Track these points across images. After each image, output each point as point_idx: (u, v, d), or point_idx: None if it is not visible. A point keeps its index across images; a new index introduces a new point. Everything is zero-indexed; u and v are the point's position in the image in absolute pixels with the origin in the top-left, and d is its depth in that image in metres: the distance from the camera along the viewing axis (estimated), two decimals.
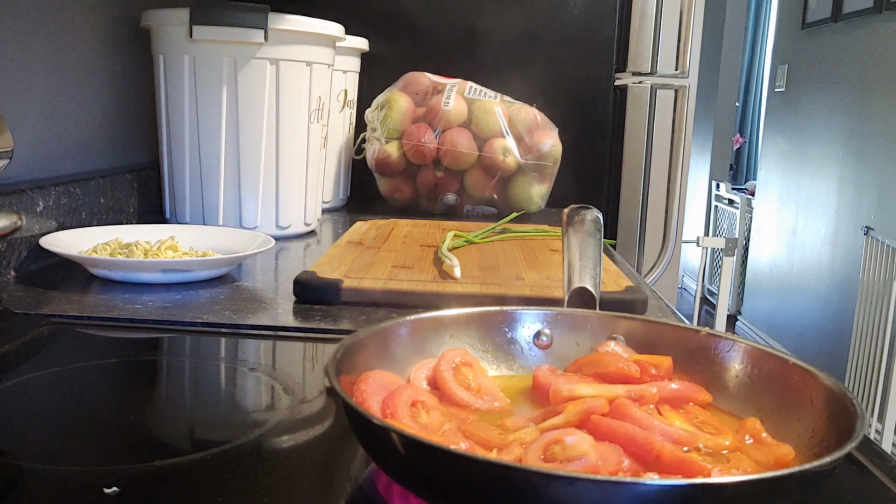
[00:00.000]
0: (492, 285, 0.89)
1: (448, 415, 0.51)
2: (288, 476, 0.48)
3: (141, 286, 0.90)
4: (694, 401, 0.53)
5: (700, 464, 0.42)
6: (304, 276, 0.88)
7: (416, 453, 0.40)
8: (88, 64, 1.18)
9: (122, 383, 0.66)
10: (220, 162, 1.18)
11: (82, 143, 1.18)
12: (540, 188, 1.51)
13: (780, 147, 4.08)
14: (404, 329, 0.58)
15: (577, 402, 0.49)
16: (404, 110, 1.48)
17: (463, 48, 1.70)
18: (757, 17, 5.27)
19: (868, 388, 2.83)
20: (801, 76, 3.87)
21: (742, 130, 5.44)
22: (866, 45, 3.19)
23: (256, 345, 0.76)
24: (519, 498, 0.37)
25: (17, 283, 0.89)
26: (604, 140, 1.76)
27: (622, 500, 0.36)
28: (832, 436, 0.45)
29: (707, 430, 0.49)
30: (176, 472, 0.47)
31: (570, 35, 1.74)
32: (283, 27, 1.15)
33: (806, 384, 0.50)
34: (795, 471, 0.39)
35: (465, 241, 1.15)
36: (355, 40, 1.50)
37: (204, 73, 1.15)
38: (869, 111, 3.15)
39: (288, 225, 1.24)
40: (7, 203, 0.90)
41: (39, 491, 0.46)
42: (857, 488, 0.50)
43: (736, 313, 4.60)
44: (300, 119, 1.21)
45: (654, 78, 1.67)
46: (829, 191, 3.47)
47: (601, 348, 0.59)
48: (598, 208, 0.76)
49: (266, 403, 0.61)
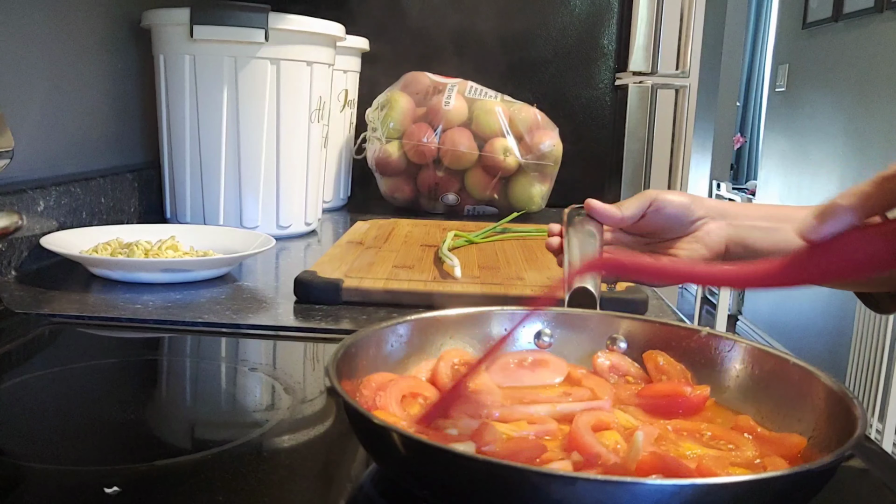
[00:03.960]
0: (492, 285, 0.89)
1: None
2: (288, 476, 0.48)
3: (141, 286, 0.90)
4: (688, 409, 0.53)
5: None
6: (305, 275, 0.88)
7: (416, 453, 0.40)
8: (89, 64, 1.18)
9: (122, 383, 0.66)
10: (221, 162, 1.18)
11: (83, 142, 1.18)
12: (540, 188, 1.51)
13: (781, 147, 4.08)
14: (405, 329, 0.58)
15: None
16: (405, 110, 1.48)
17: (463, 48, 1.70)
18: (758, 17, 5.27)
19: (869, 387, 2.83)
20: (802, 76, 3.86)
21: (743, 130, 5.43)
22: (867, 44, 3.19)
23: (257, 344, 0.76)
24: (519, 498, 0.37)
25: (17, 283, 0.90)
26: (604, 140, 1.76)
27: (622, 500, 0.36)
28: (833, 436, 0.45)
29: (724, 449, 0.48)
30: (176, 471, 0.47)
31: (571, 35, 1.74)
32: (284, 27, 1.15)
33: (807, 384, 0.50)
34: (796, 471, 0.39)
35: (466, 240, 1.15)
36: (356, 40, 1.50)
37: (204, 73, 1.15)
38: (870, 111, 3.15)
39: (288, 225, 1.24)
40: (8, 203, 0.90)
41: (40, 490, 0.46)
42: (858, 488, 0.50)
43: (737, 313, 4.60)
44: (301, 119, 1.21)
45: (655, 78, 1.66)
46: (830, 191, 3.46)
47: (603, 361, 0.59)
48: None
49: (266, 403, 0.61)
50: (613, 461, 0.44)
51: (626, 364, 0.59)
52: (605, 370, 0.58)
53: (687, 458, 0.46)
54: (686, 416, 0.52)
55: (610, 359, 0.59)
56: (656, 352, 0.59)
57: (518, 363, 0.59)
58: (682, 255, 0.73)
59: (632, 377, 0.58)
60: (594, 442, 0.45)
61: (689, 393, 0.53)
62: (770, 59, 4.72)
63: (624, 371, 0.59)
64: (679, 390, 0.53)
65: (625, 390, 0.56)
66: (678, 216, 0.73)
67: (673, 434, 0.50)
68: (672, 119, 1.69)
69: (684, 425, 0.51)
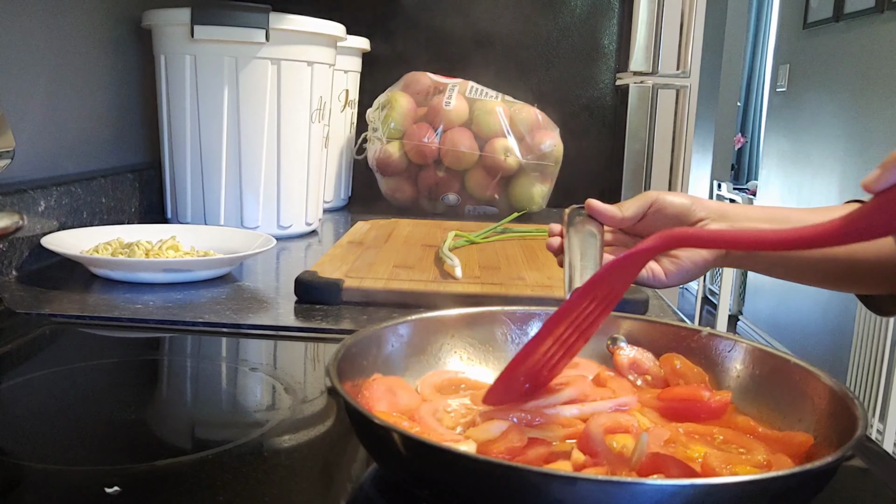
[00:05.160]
0: (493, 285, 0.89)
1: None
2: (288, 476, 0.48)
3: (142, 286, 0.90)
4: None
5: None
6: (306, 275, 0.88)
7: (416, 453, 0.40)
8: (90, 64, 1.18)
9: (123, 383, 0.66)
10: (222, 162, 1.18)
11: (84, 143, 1.18)
12: (541, 188, 1.51)
13: (782, 147, 4.08)
14: (405, 329, 0.58)
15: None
16: (405, 110, 1.48)
17: (464, 48, 1.70)
18: (758, 17, 5.27)
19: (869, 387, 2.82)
20: (803, 76, 3.86)
21: (743, 130, 5.43)
22: (868, 44, 3.19)
23: (258, 344, 0.76)
24: (519, 498, 0.37)
25: (18, 283, 0.90)
26: (605, 140, 1.76)
27: (622, 500, 0.36)
28: (833, 436, 0.45)
29: (734, 452, 0.48)
30: (177, 471, 0.47)
31: (572, 35, 1.73)
32: (285, 27, 1.15)
33: (807, 384, 0.50)
34: (796, 471, 0.39)
35: (466, 240, 1.15)
36: (356, 40, 1.50)
37: (205, 73, 1.15)
38: (870, 111, 3.15)
39: (289, 225, 1.24)
40: (9, 203, 0.90)
41: (40, 490, 0.46)
42: (858, 488, 0.50)
43: (737, 313, 4.59)
44: (301, 119, 1.21)
45: (656, 78, 1.66)
46: (831, 190, 3.46)
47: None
48: None
49: (267, 403, 0.62)
50: (614, 460, 0.44)
51: (647, 361, 0.58)
52: (625, 367, 0.58)
53: (693, 461, 0.46)
54: (707, 421, 0.52)
55: (630, 355, 0.59)
56: (673, 355, 0.58)
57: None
58: (682, 255, 0.73)
59: (651, 376, 0.58)
60: (599, 441, 0.45)
61: (708, 398, 0.53)
62: (771, 59, 4.71)
63: (644, 370, 0.58)
64: (698, 395, 0.53)
65: (646, 393, 0.56)
66: (679, 217, 0.73)
67: (684, 437, 0.49)
68: (673, 119, 1.69)
69: (697, 429, 0.51)
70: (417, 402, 0.52)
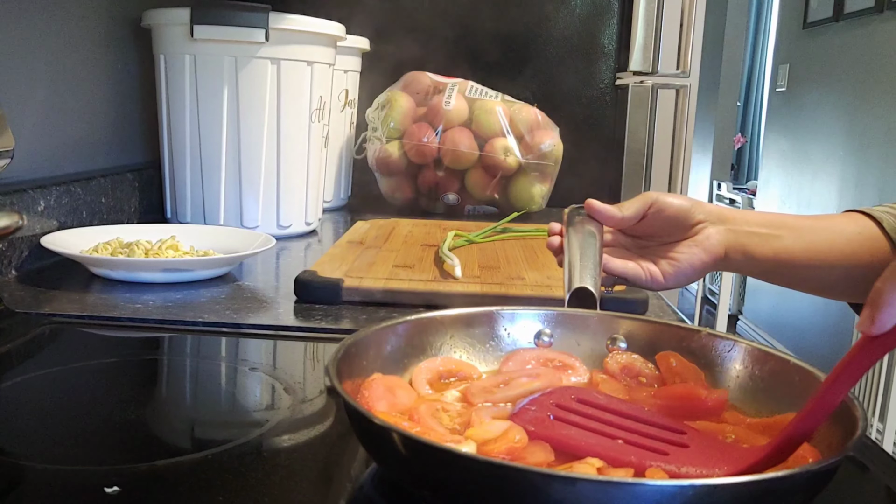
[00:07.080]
0: (492, 285, 0.89)
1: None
2: (288, 476, 0.48)
3: (142, 285, 0.90)
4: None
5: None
6: (305, 275, 0.88)
7: (416, 453, 0.40)
8: (89, 63, 1.18)
9: (123, 382, 0.66)
10: (221, 161, 1.18)
11: (83, 142, 1.18)
12: (541, 188, 1.51)
13: (782, 147, 4.08)
14: (405, 329, 0.58)
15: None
16: (405, 110, 1.48)
17: (464, 48, 1.70)
18: (758, 17, 5.27)
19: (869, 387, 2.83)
20: (803, 76, 3.86)
21: (743, 130, 5.43)
22: (868, 44, 3.19)
23: (257, 344, 0.76)
24: (519, 498, 0.37)
25: (18, 283, 0.90)
26: (605, 140, 1.76)
27: (622, 501, 0.36)
28: (833, 436, 0.45)
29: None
30: (177, 471, 0.47)
31: (572, 34, 1.73)
32: (285, 27, 1.15)
33: (807, 384, 0.50)
34: (796, 471, 0.39)
35: (466, 240, 1.15)
36: (356, 40, 1.50)
37: (205, 73, 1.15)
38: (870, 111, 3.15)
39: (289, 224, 1.24)
40: (8, 202, 0.90)
41: (40, 490, 0.46)
42: (858, 488, 0.50)
43: (737, 313, 4.59)
44: (301, 118, 1.21)
45: (656, 77, 1.66)
46: (831, 190, 3.46)
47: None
48: None
49: (267, 403, 0.61)
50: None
51: (639, 364, 0.58)
52: (617, 372, 0.58)
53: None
54: (704, 419, 0.52)
55: (621, 360, 0.59)
56: (669, 353, 0.58)
57: (544, 363, 0.59)
58: (681, 258, 0.73)
59: (645, 378, 0.58)
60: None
61: (705, 396, 0.53)
62: (770, 59, 4.72)
63: (636, 372, 0.58)
64: (695, 392, 0.53)
65: (640, 392, 0.55)
66: (678, 219, 0.73)
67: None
68: (672, 119, 1.69)
69: (709, 426, 0.51)
70: (417, 402, 0.52)
